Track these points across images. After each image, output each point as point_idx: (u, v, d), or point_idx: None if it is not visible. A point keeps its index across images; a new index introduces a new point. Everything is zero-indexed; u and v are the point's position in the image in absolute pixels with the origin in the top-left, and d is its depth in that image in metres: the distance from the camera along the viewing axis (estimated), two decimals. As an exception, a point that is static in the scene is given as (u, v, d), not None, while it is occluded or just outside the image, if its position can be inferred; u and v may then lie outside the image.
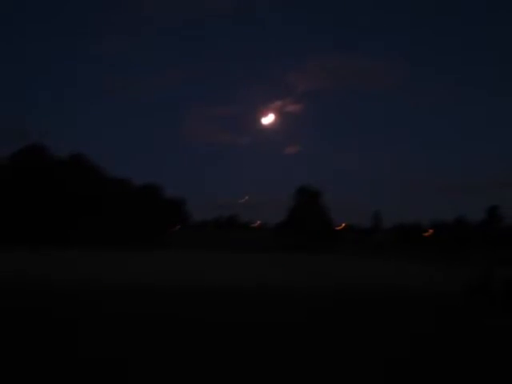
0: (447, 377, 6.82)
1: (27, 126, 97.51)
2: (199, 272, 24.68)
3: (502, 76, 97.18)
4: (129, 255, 39.26)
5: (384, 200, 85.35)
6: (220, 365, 6.88)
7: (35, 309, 10.93)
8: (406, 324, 10.76)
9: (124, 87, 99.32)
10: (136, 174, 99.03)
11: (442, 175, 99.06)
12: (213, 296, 14.54)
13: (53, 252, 38.44)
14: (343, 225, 75.43)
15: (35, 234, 57.32)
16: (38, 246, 44.84)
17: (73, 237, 58.79)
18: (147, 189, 73.43)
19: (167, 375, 6.35)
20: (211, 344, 8.07)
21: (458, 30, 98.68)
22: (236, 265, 32.77)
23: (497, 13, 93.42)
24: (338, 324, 10.47)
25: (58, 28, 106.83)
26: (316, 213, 69.80)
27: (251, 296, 14.74)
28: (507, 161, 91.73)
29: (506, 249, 56.59)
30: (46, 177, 66.73)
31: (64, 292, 14.27)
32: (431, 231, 76.54)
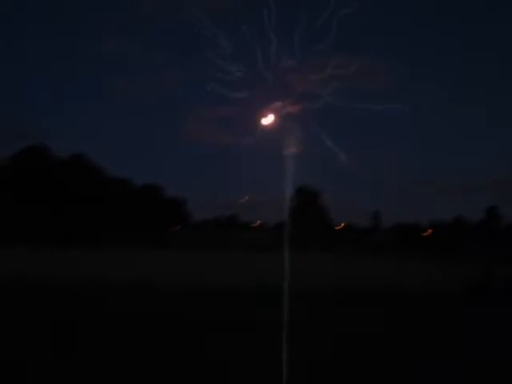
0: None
1: (27, 126, 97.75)
2: (200, 272, 25.06)
3: (503, 76, 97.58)
4: (131, 254, 39.61)
5: (383, 200, 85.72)
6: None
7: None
8: (405, 323, 11.14)
9: (124, 87, 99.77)
10: (136, 174, 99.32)
11: (442, 175, 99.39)
12: (214, 296, 14.96)
13: (55, 252, 38.81)
14: (343, 224, 75.83)
15: (37, 234, 57.68)
16: (40, 246, 45.15)
17: (74, 237, 59.17)
18: (148, 189, 73.85)
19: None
20: (212, 343, 8.49)
21: (458, 30, 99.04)
22: (236, 265, 33.09)
23: (497, 13, 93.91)
24: (337, 323, 10.89)
25: (59, 28, 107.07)
26: (316, 213, 70.26)
27: (252, 296, 15.17)
28: (507, 161, 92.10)
29: (505, 248, 56.97)
30: (48, 177, 67.12)
31: (71, 290, 14.73)
32: (430, 231, 76.93)
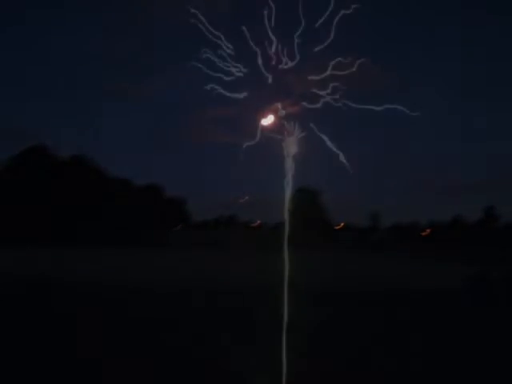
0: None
1: (27, 127, 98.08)
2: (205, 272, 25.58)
3: (502, 76, 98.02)
4: (135, 254, 40.07)
5: (383, 200, 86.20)
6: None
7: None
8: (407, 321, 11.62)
9: (124, 87, 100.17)
10: (137, 175, 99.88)
11: (441, 175, 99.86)
12: (219, 295, 15.50)
13: (60, 251, 39.32)
14: (342, 224, 76.32)
15: (39, 234, 58.15)
16: (42, 246, 45.63)
17: (75, 236, 59.62)
18: (149, 189, 74.39)
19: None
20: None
21: (458, 30, 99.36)
22: (236, 264, 33.55)
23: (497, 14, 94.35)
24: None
25: (59, 28, 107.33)
26: (315, 212, 70.73)
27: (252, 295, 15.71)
28: (506, 161, 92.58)
29: (504, 248, 57.40)
30: (49, 177, 67.59)
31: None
32: (429, 231, 77.42)
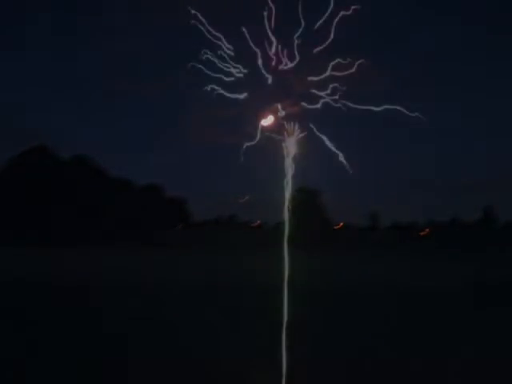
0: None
1: (28, 127, 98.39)
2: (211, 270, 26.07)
3: (502, 76, 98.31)
4: (136, 253, 40.59)
5: (382, 200, 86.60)
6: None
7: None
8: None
9: (124, 87, 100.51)
10: (138, 175, 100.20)
11: (440, 175, 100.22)
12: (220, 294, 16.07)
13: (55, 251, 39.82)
14: (341, 224, 76.82)
15: (41, 234, 58.65)
16: (42, 246, 46.11)
17: (76, 236, 60.14)
18: (149, 189, 74.92)
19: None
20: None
21: (458, 30, 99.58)
22: (237, 264, 33.99)
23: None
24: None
25: (59, 28, 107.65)
26: (315, 212, 71.23)
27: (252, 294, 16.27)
28: (504, 161, 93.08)
29: (502, 248, 57.88)
30: (51, 177, 68.12)
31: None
32: (428, 230, 77.93)
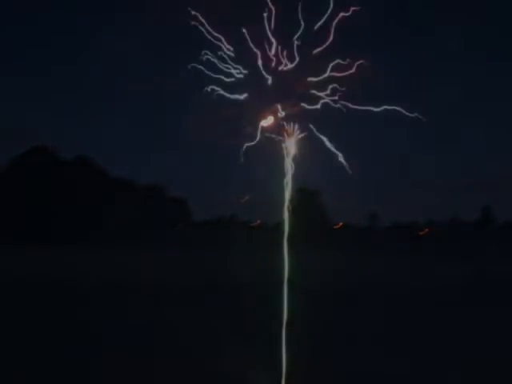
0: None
1: (28, 127, 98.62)
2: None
3: (501, 76, 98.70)
4: (136, 253, 41.05)
5: (382, 200, 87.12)
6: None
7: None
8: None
9: (124, 88, 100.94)
10: (139, 175, 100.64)
11: (439, 175, 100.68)
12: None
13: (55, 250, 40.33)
14: (341, 224, 77.32)
15: (41, 234, 59.17)
16: (42, 246, 46.57)
17: (78, 236, 60.64)
18: (151, 189, 75.45)
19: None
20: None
21: (458, 31, 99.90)
22: (237, 264, 34.39)
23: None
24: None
25: (59, 28, 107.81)
26: (315, 212, 71.72)
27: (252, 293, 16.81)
28: (503, 161, 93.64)
29: (500, 247, 58.41)
30: (52, 178, 68.62)
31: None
32: (427, 230, 78.42)
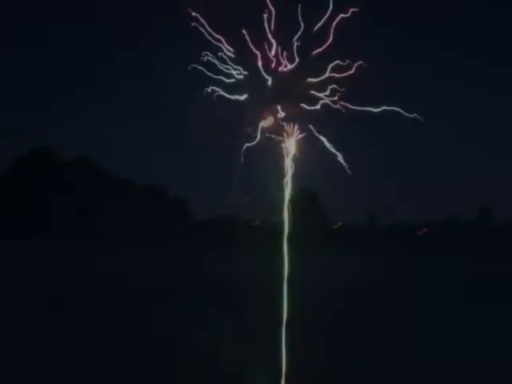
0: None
1: (28, 127, 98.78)
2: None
3: (500, 73, 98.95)
4: (137, 253, 41.42)
5: (381, 199, 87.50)
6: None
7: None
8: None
9: (124, 88, 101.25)
10: (139, 175, 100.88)
11: (438, 175, 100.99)
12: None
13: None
14: (340, 224, 77.60)
15: (42, 234, 59.62)
16: (42, 246, 47.13)
17: (79, 236, 61.04)
18: (151, 189, 75.79)
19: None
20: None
21: (458, 30, 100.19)
22: (237, 263, 34.69)
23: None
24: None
25: (59, 28, 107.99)
26: (314, 212, 72.06)
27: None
28: (501, 161, 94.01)
29: (499, 247, 58.73)
30: (53, 178, 69.05)
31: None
32: (426, 230, 78.72)
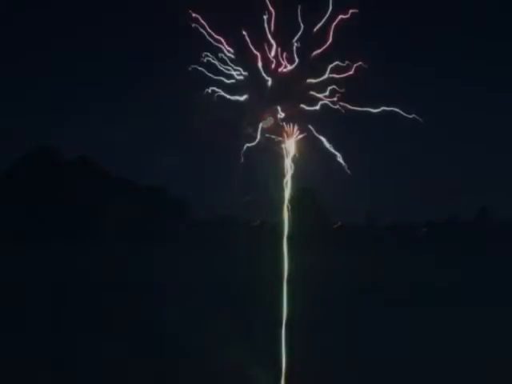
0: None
1: (29, 127, 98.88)
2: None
3: (500, 73, 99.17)
4: (137, 253, 41.66)
5: (381, 199, 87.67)
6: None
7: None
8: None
9: (124, 88, 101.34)
10: (139, 175, 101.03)
11: (438, 175, 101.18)
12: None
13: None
14: (340, 223, 77.83)
15: (42, 234, 59.86)
16: (42, 245, 47.37)
17: (79, 236, 61.26)
18: (152, 189, 75.99)
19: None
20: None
21: (458, 31, 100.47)
22: (237, 263, 34.74)
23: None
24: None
25: (59, 28, 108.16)
26: (314, 212, 72.29)
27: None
28: (500, 161, 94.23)
29: (499, 247, 58.97)
30: (54, 178, 69.27)
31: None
32: (425, 230, 78.98)
